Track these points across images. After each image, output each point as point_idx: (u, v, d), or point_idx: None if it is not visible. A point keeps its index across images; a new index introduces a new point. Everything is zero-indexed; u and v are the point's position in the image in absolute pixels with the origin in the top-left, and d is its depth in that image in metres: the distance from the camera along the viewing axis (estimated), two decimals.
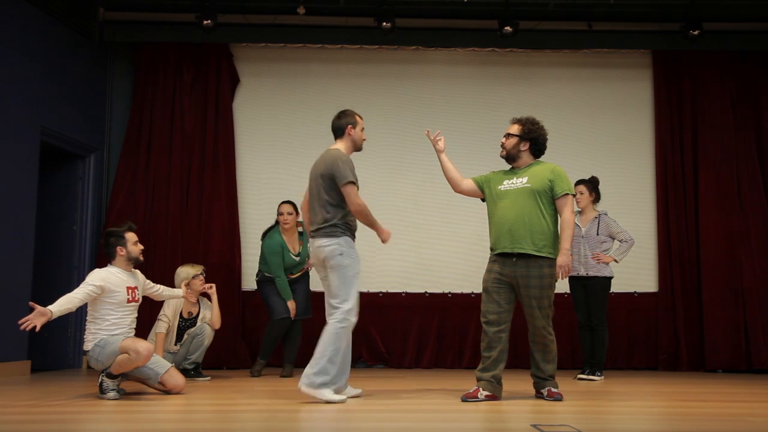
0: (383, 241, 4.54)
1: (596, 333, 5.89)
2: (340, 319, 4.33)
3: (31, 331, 4.24)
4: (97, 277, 4.58)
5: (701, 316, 6.93)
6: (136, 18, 7.15)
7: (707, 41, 7.02)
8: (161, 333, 5.54)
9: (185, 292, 5.44)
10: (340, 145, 4.55)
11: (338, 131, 4.58)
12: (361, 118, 4.62)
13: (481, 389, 4.36)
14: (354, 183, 4.36)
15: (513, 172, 4.61)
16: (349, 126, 4.53)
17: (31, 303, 4.31)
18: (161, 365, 4.71)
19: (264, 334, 6.08)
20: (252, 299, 6.81)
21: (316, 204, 4.45)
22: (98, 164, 7.04)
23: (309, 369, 4.30)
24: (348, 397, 4.45)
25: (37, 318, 4.21)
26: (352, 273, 4.33)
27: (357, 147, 4.60)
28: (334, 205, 4.38)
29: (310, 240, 4.50)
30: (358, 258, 4.40)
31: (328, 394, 4.29)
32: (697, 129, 7.20)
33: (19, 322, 4.21)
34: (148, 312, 6.08)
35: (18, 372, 5.85)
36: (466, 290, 7.06)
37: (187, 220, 6.97)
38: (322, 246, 4.35)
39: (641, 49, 7.34)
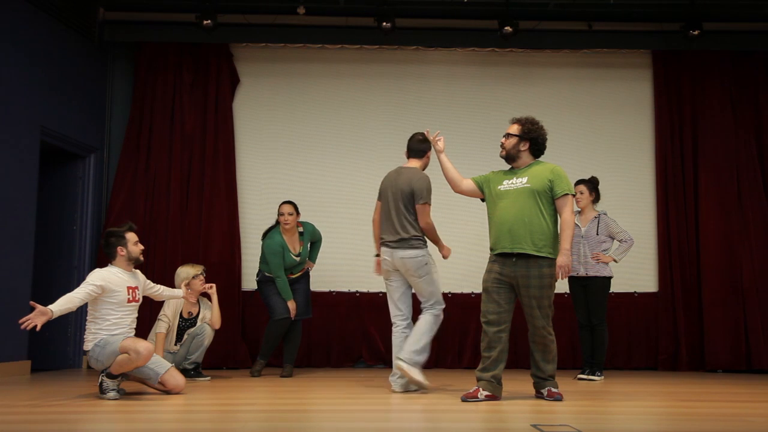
0: (444, 257, 5.12)
1: (596, 333, 5.89)
2: (437, 311, 4.97)
3: (32, 331, 4.25)
4: (97, 276, 4.58)
5: (701, 316, 6.93)
6: (136, 18, 7.15)
7: (707, 41, 7.02)
8: (161, 333, 5.54)
9: (185, 292, 5.45)
10: (416, 164, 5.05)
11: (418, 153, 5.07)
12: None
13: (481, 389, 4.36)
14: (429, 204, 4.91)
15: (513, 172, 4.61)
16: (428, 151, 5.05)
17: (31, 302, 4.31)
18: (161, 365, 4.71)
19: (264, 334, 6.08)
20: (252, 299, 6.81)
21: (396, 217, 4.92)
22: (98, 164, 7.04)
23: (410, 347, 4.76)
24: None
25: (37, 317, 4.21)
26: (436, 276, 4.98)
27: (424, 169, 5.11)
28: (415, 219, 4.90)
29: (390, 250, 4.91)
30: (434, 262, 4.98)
31: (419, 375, 4.72)
32: (697, 129, 7.20)
33: (20, 321, 4.21)
34: (148, 312, 6.08)
35: (18, 372, 5.85)
36: (466, 290, 7.06)
37: (187, 220, 6.97)
38: (408, 257, 4.84)
39: (641, 49, 7.34)
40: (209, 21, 6.61)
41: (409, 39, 7.18)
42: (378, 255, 5.11)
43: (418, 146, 5.06)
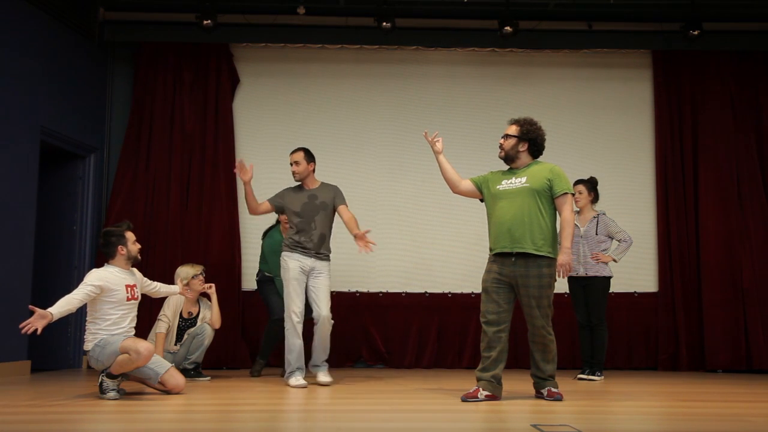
0: None
1: (596, 333, 5.89)
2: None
3: (32, 332, 4.24)
4: (95, 277, 4.58)
5: (701, 316, 6.93)
6: (136, 18, 7.15)
7: (707, 41, 7.02)
8: (161, 333, 5.55)
9: (182, 288, 5.44)
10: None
11: None
12: None
13: (481, 389, 4.36)
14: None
15: (512, 172, 4.61)
16: None
17: (30, 306, 4.31)
18: (161, 365, 4.71)
19: (263, 334, 6.08)
20: (252, 299, 6.81)
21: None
22: (98, 164, 7.04)
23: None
24: None
25: (37, 321, 4.21)
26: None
27: None
28: None
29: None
30: None
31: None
32: (697, 129, 7.20)
33: (20, 326, 4.21)
34: (148, 312, 6.08)
35: (18, 372, 5.85)
36: (466, 290, 7.06)
37: (187, 220, 6.97)
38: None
39: (641, 49, 7.34)
40: (209, 21, 6.61)
41: (409, 39, 7.18)
42: None
43: None
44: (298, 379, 5.19)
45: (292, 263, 5.31)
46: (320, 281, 5.35)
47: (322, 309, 5.30)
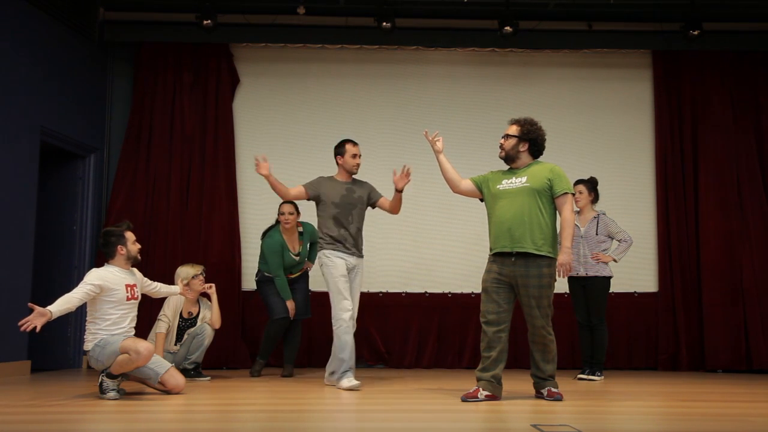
0: None
1: (596, 333, 5.89)
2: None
3: (32, 331, 4.24)
4: (95, 276, 4.58)
5: (701, 316, 6.93)
6: (136, 18, 7.15)
7: (707, 41, 7.01)
8: (161, 333, 5.54)
9: (182, 288, 5.44)
10: None
11: None
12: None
13: (481, 389, 4.36)
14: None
15: (512, 172, 4.61)
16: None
17: (30, 304, 4.31)
18: (161, 365, 4.71)
19: (263, 334, 6.08)
20: (252, 299, 6.81)
21: None
22: (98, 164, 7.04)
23: None
24: None
25: (36, 319, 4.21)
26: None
27: None
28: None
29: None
30: None
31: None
32: (697, 129, 7.20)
33: (19, 323, 4.21)
34: (148, 312, 6.08)
35: (18, 372, 5.85)
36: (466, 290, 7.06)
37: (187, 220, 6.97)
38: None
39: (641, 49, 7.34)
40: (209, 21, 6.61)
41: (409, 39, 7.18)
42: None
43: None
44: (351, 380, 4.95)
45: (339, 260, 5.12)
46: (356, 282, 5.25)
47: (356, 310, 5.22)
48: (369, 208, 5.45)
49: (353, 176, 5.41)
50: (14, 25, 5.96)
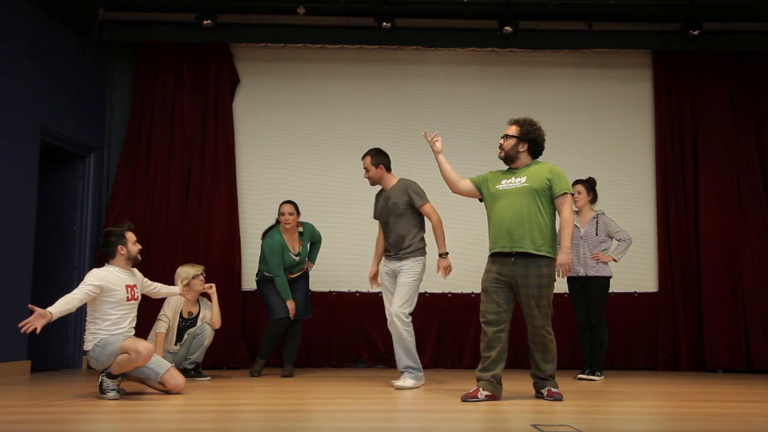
0: None
1: (596, 333, 5.89)
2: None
3: (32, 332, 4.24)
4: (95, 276, 4.58)
5: (701, 316, 6.93)
6: (136, 18, 7.15)
7: (707, 41, 7.01)
8: (161, 333, 5.54)
9: (182, 288, 5.44)
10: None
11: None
12: None
13: (481, 389, 4.36)
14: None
15: (511, 172, 4.61)
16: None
17: (30, 305, 4.31)
18: (161, 365, 4.71)
19: (263, 334, 6.08)
20: (252, 299, 6.80)
21: None
22: (98, 164, 7.04)
23: None
24: None
25: (36, 320, 4.21)
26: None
27: None
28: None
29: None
30: None
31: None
32: (697, 129, 7.20)
33: (20, 325, 4.21)
34: (148, 312, 6.08)
35: (18, 372, 5.85)
36: (466, 290, 7.05)
37: (187, 220, 6.96)
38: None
39: (641, 49, 7.34)
40: (209, 21, 6.61)
41: (409, 39, 7.18)
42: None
43: None
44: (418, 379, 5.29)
45: (383, 269, 5.44)
46: (398, 280, 5.32)
47: (393, 306, 5.28)
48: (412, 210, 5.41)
49: (389, 185, 5.49)
50: (14, 25, 5.96)
